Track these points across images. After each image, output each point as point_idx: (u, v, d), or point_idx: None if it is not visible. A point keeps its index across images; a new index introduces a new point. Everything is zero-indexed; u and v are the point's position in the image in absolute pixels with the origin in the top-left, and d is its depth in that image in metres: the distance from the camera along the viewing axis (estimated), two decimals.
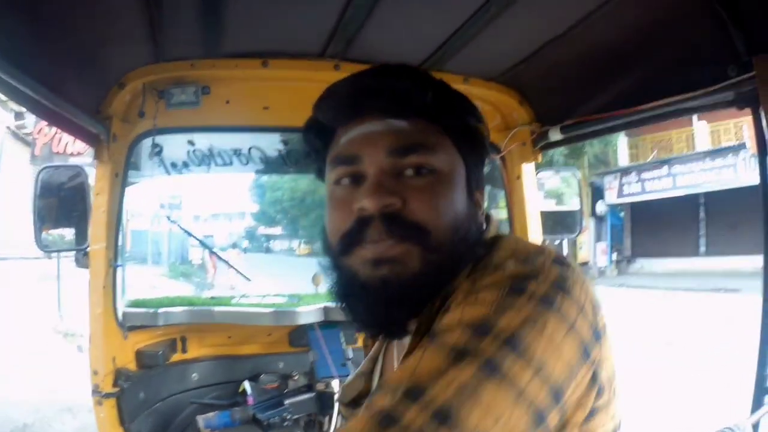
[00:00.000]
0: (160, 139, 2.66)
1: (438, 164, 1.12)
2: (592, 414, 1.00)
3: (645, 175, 27.63)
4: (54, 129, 15.30)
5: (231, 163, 2.97)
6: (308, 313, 2.91)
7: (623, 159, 29.59)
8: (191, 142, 2.87)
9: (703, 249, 27.93)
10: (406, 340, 1.14)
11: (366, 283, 1.09)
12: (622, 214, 30.39)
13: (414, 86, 1.16)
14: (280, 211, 43.80)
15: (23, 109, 15.92)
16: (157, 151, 2.67)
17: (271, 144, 3.03)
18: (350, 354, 2.81)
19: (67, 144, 15.53)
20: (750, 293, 13.70)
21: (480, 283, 0.99)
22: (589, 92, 2.43)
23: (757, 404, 2.03)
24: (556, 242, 3.11)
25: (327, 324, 2.92)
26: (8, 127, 15.98)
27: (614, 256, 29.48)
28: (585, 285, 1.02)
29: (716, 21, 1.72)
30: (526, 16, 2.03)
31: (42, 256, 16.27)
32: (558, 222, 3.18)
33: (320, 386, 2.78)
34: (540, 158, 2.92)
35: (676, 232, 28.03)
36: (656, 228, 28.46)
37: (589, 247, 29.15)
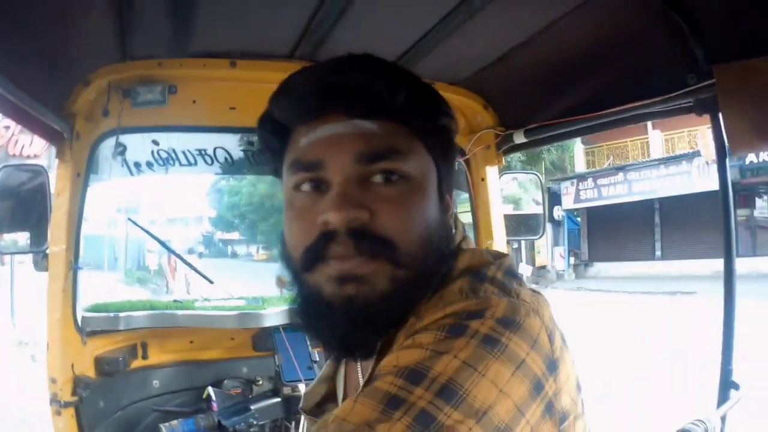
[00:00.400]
0: (123, 138, 2.61)
1: (409, 171, 1.04)
2: None
3: (601, 181, 28.13)
4: (11, 131, 14.99)
5: (195, 164, 2.91)
6: (273, 316, 2.86)
7: (580, 165, 30.02)
8: (155, 142, 2.81)
9: (658, 253, 28.36)
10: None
11: (331, 301, 1.01)
12: (578, 219, 30.78)
13: (384, 84, 1.05)
14: (238, 215, 43.55)
15: None
16: (120, 150, 2.61)
17: (237, 145, 2.98)
18: (316, 357, 2.76)
19: (23, 146, 15.19)
20: (706, 296, 13.97)
21: (421, 321, 0.95)
22: (553, 97, 2.46)
23: (723, 397, 2.06)
24: (515, 246, 3.12)
25: (292, 327, 2.86)
26: None
27: (572, 260, 29.86)
28: (540, 310, 0.98)
29: (676, 31, 1.76)
30: (492, 23, 2.03)
31: None
32: (521, 224, 3.21)
33: (286, 390, 2.73)
34: (503, 161, 2.94)
35: (632, 236, 28.51)
36: (613, 233, 28.93)
37: (547, 252, 29.46)
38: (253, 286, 3.55)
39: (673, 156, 25.94)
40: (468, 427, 0.83)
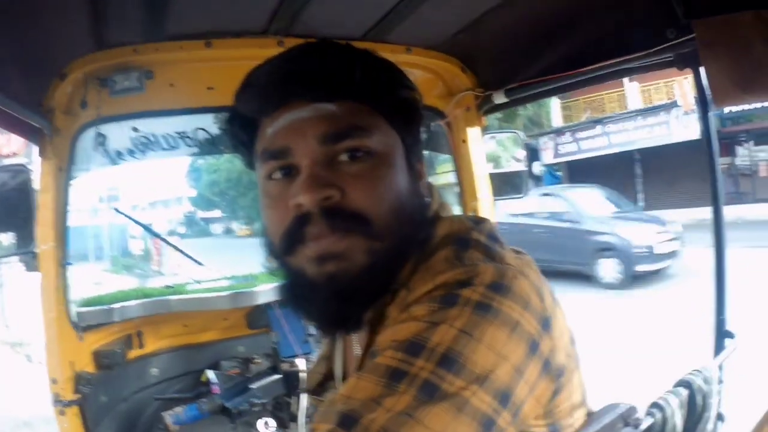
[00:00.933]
0: (103, 128, 2.59)
1: (374, 146, 1.08)
2: (555, 394, 1.02)
3: (579, 134, 28.08)
4: None
5: (177, 147, 2.89)
6: (266, 293, 2.86)
7: (557, 120, 30.02)
8: (135, 129, 2.78)
9: (641, 204, 28.52)
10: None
11: (313, 280, 1.07)
12: (559, 173, 30.82)
13: (338, 66, 1.10)
14: (217, 193, 43.42)
15: None
16: (101, 141, 2.59)
17: (217, 124, 2.86)
18: (311, 330, 2.77)
19: (1, 145, 14.86)
20: (691, 245, 14.07)
21: (412, 294, 0.99)
22: (532, 56, 2.45)
23: (719, 347, 2.10)
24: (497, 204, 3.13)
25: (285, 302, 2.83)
26: None
27: None
28: (525, 271, 1.02)
29: None
30: None
31: None
32: (505, 183, 3.21)
33: (285, 366, 2.72)
34: (485, 122, 2.94)
35: (614, 188, 28.61)
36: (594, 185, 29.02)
37: None
38: (239, 262, 3.51)
39: (651, 107, 25.93)
40: (472, 392, 0.87)
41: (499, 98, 2.64)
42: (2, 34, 1.74)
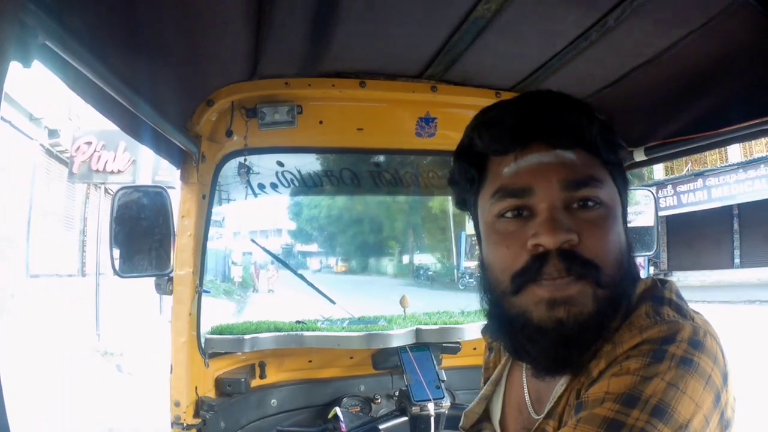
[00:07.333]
0: (248, 159, 2.60)
1: (604, 198, 1.12)
2: None
3: (680, 188, 27.58)
4: (93, 147, 15.17)
5: (321, 185, 2.90)
6: (400, 336, 2.82)
7: (658, 172, 29.39)
8: (280, 163, 2.80)
9: (737, 261, 27.66)
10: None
11: (540, 324, 1.09)
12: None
13: (582, 118, 1.14)
14: (316, 228, 43.68)
15: (57, 127, 15.90)
16: (244, 171, 2.61)
17: (365, 166, 2.96)
18: (443, 376, 2.74)
19: (106, 162, 15.19)
20: None
21: (620, 347, 1.05)
22: (672, 115, 2.41)
23: None
24: None
25: (417, 346, 2.84)
26: (42, 145, 15.99)
27: (651, 270, 29.23)
28: (711, 330, 1.07)
29: None
30: (618, 43, 2.01)
31: (76, 273, 16.20)
32: (635, 240, 3.13)
33: (414, 410, 2.64)
34: None
35: (711, 244, 27.88)
36: (691, 241, 28.43)
37: None
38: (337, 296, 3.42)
39: (752, 159, 25.22)
40: None
41: (639, 156, 2.57)
42: (157, 50, 1.74)
